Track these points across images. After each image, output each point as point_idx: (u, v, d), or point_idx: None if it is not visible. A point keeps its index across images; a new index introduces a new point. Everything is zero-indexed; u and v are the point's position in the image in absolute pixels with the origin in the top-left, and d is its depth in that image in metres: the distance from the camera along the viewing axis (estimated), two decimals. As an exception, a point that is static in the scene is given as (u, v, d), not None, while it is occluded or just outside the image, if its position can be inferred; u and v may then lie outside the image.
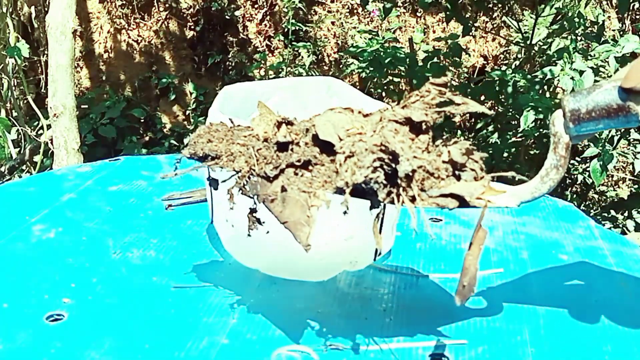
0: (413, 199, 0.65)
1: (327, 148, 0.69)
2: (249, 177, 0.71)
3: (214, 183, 0.79)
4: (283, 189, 0.68)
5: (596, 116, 0.66)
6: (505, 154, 2.79)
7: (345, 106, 0.73)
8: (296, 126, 0.73)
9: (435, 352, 0.73)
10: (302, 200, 0.67)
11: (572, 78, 2.20)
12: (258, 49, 3.72)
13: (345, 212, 0.65)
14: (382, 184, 0.64)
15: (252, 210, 0.73)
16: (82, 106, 3.36)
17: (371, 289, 0.87)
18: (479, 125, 3.01)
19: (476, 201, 0.67)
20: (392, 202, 0.65)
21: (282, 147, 0.71)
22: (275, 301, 0.83)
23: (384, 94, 3.11)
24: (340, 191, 0.66)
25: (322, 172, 0.68)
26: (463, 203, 0.67)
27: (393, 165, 0.65)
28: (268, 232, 0.76)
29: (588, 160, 2.66)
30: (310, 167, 0.69)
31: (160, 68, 3.73)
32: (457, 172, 0.68)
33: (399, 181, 0.65)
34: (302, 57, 3.62)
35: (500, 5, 3.27)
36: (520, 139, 2.72)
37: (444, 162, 0.67)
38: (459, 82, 3.19)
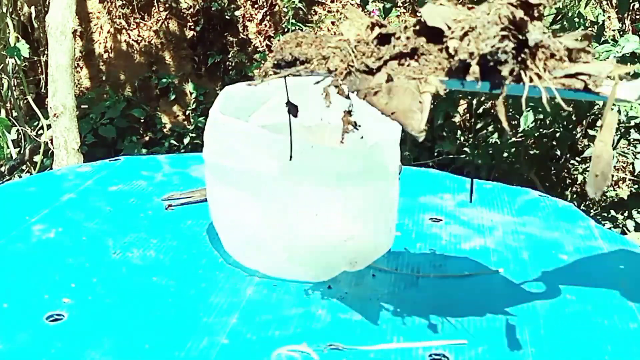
0: (538, 78, 0.60)
1: (434, 37, 0.63)
2: (345, 76, 0.65)
3: (292, 109, 0.73)
4: (389, 79, 0.63)
5: None
6: (505, 154, 2.79)
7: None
8: (391, 27, 0.68)
9: (435, 352, 0.73)
10: (412, 87, 0.61)
11: (572, 78, 2.20)
12: (258, 49, 3.72)
13: (476, 81, 0.59)
14: (511, 53, 0.58)
15: (348, 113, 0.68)
16: (82, 106, 3.36)
17: (371, 289, 0.87)
18: (479, 125, 3.01)
19: (603, 83, 0.61)
20: (517, 80, 0.60)
21: (384, 39, 0.66)
22: (275, 301, 0.83)
23: (384, 94, 3.11)
24: (455, 73, 0.61)
25: (431, 59, 0.63)
26: (586, 89, 0.61)
27: (520, 34, 0.59)
28: (362, 137, 0.71)
29: (588, 160, 2.66)
30: (416, 57, 0.63)
31: (160, 68, 3.73)
32: (570, 57, 0.63)
33: (524, 56, 0.60)
34: (302, 57, 3.61)
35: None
36: (520, 139, 2.72)
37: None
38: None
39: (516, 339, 0.76)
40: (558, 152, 2.95)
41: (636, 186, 3.11)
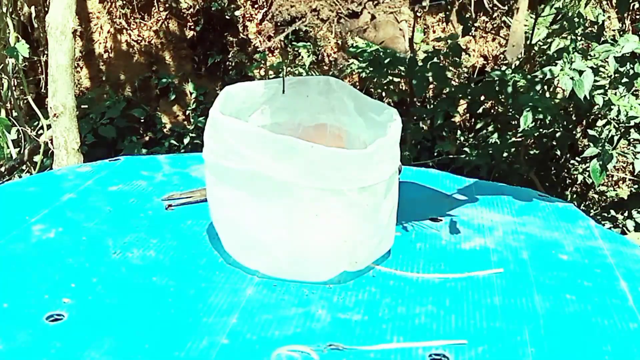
0: None
1: None
2: (338, 21, 0.82)
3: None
4: (372, 17, 0.82)
5: None
6: (505, 154, 2.78)
7: None
8: None
9: (435, 352, 0.73)
10: (391, 19, 0.81)
11: (571, 78, 2.20)
12: (258, 49, 3.72)
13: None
14: None
15: (341, 47, 0.84)
16: (82, 106, 3.36)
17: (371, 289, 0.87)
18: (478, 125, 3.00)
19: None
20: None
21: None
22: (275, 301, 0.83)
23: (384, 94, 3.11)
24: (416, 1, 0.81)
25: None
26: None
27: None
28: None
29: (588, 160, 2.66)
30: None
31: (160, 68, 3.72)
32: None
33: None
34: (302, 57, 3.62)
35: (500, 5, 3.27)
36: (520, 139, 2.72)
37: None
38: (459, 82, 3.19)
39: (516, 339, 0.76)
40: (558, 152, 2.95)
41: (636, 186, 3.11)
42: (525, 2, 0.88)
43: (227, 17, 3.73)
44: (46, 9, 3.03)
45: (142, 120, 3.65)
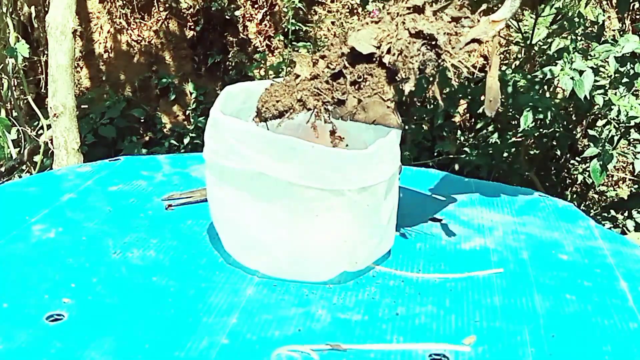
0: (451, 57, 0.87)
1: (369, 57, 0.86)
2: (325, 109, 0.86)
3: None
4: (359, 102, 0.85)
5: None
6: (505, 154, 2.78)
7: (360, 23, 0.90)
8: (330, 55, 0.88)
9: (435, 352, 0.73)
10: (377, 99, 0.85)
11: (572, 78, 2.20)
12: (258, 49, 3.72)
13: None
14: (434, 59, 0.86)
15: (332, 132, 0.91)
16: (82, 106, 3.36)
17: (371, 289, 0.87)
18: (479, 125, 3.00)
19: (489, 34, 0.89)
20: (438, 65, 0.87)
21: (338, 75, 0.87)
22: (275, 301, 0.83)
23: (384, 94, 3.10)
24: (395, 81, 0.85)
25: (377, 74, 0.86)
26: (479, 43, 0.88)
27: (432, 42, 0.86)
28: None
29: (588, 160, 2.66)
30: (365, 77, 0.86)
31: (160, 68, 3.72)
32: (459, 25, 0.89)
33: (438, 50, 0.86)
34: (302, 57, 3.61)
35: (500, 5, 3.26)
36: (520, 139, 2.72)
37: (449, 22, 0.88)
38: (459, 82, 3.18)
39: (516, 339, 0.76)
40: (558, 152, 2.94)
41: (636, 186, 3.11)
42: (497, 58, 0.90)
43: (227, 17, 3.73)
44: (46, 9, 3.03)
45: (142, 120, 3.66)
